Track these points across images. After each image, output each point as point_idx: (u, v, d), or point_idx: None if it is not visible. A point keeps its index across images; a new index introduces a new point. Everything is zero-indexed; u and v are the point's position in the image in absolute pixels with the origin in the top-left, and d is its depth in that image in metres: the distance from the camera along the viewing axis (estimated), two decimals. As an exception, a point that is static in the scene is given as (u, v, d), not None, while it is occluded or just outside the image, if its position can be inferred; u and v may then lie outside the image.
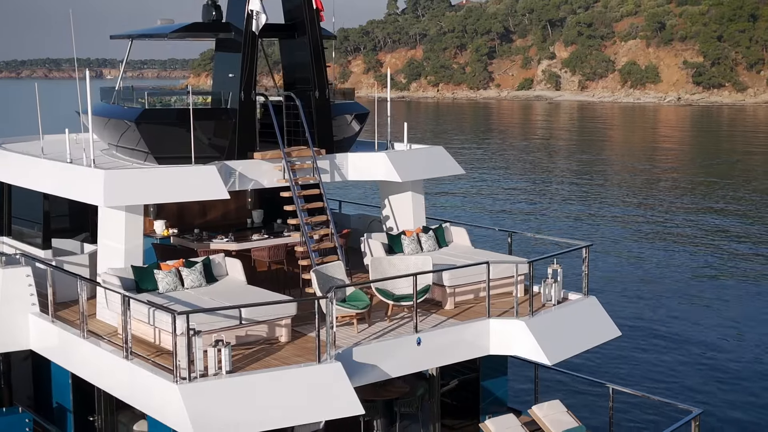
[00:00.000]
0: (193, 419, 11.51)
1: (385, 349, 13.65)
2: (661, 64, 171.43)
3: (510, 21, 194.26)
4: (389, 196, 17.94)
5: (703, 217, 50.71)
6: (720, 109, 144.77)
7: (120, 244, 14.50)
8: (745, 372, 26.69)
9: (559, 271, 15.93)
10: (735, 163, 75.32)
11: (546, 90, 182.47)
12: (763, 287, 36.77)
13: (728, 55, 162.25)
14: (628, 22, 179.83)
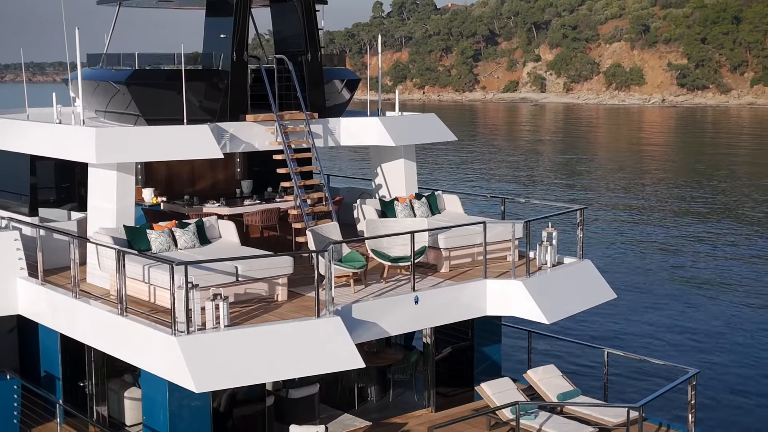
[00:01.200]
0: (193, 372, 11.35)
1: (383, 307, 13.55)
2: (645, 66, 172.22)
3: (495, 24, 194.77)
4: (381, 163, 17.82)
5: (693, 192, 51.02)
6: (704, 111, 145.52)
7: (111, 204, 14.30)
8: (740, 334, 26.95)
9: (554, 235, 15.85)
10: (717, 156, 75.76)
11: (531, 92, 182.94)
12: (755, 251, 37.41)
13: (712, 57, 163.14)
14: (613, 24, 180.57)
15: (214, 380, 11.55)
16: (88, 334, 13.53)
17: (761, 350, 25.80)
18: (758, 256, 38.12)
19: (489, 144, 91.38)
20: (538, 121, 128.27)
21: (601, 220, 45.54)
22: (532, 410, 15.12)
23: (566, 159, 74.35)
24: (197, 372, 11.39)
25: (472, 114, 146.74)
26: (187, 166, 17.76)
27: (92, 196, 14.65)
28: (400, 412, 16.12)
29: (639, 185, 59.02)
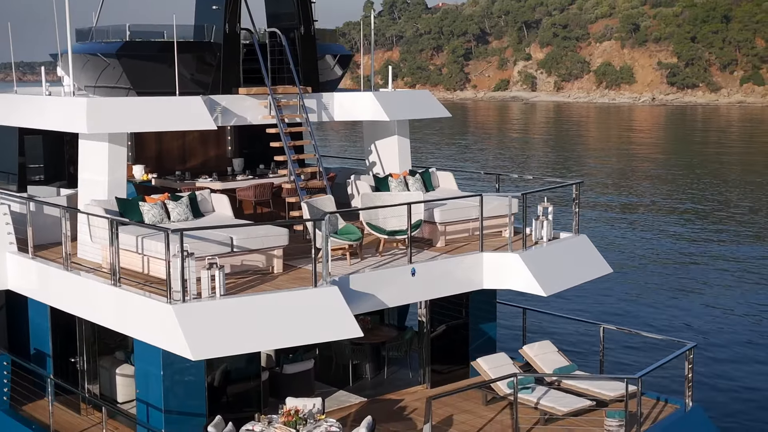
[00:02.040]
0: (189, 340, 11.19)
1: (381, 278, 13.43)
2: (635, 65, 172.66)
3: (486, 23, 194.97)
4: (375, 140, 17.68)
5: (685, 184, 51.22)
6: (694, 109, 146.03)
7: (103, 176, 14.11)
8: (737, 310, 27.04)
9: (550, 210, 15.75)
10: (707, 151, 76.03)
11: (522, 91, 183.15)
12: (751, 229, 37.68)
13: (702, 56, 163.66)
14: (603, 23, 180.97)
15: (210, 348, 11.39)
16: (80, 307, 13.34)
17: (757, 325, 25.92)
18: (751, 236, 38.34)
19: (480, 141, 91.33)
20: (528, 120, 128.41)
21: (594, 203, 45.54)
22: (529, 384, 15.00)
23: (556, 154, 74.41)
24: (193, 340, 11.22)
25: (464, 112, 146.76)
26: (177, 143, 17.59)
27: (83, 169, 14.45)
28: (395, 389, 15.99)
29: (630, 174, 59.16)
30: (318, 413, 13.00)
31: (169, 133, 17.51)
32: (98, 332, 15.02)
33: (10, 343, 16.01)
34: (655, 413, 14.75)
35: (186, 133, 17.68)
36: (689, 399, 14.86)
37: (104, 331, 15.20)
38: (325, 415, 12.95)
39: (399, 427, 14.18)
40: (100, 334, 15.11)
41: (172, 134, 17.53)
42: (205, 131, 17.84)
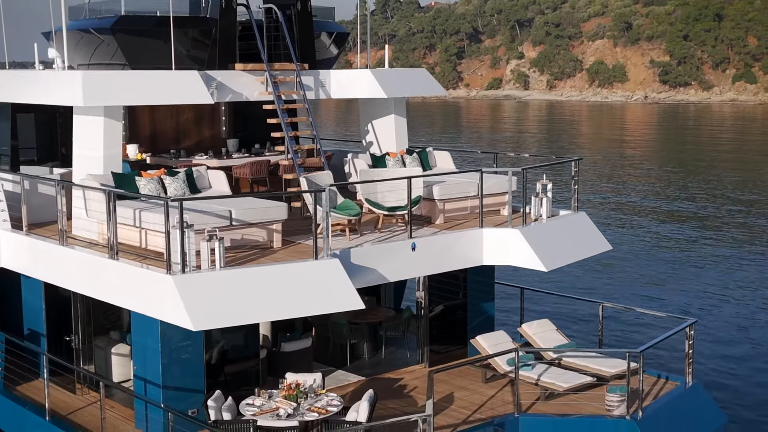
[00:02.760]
0: (190, 310, 11.04)
1: (381, 253, 13.32)
2: (628, 64, 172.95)
3: (479, 21, 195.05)
4: (372, 120, 17.55)
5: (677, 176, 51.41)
6: (686, 107, 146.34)
7: (98, 151, 13.93)
8: (737, 287, 27.12)
9: (549, 187, 15.65)
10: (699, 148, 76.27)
11: (515, 89, 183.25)
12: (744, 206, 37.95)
13: (694, 54, 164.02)
14: (596, 22, 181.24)
15: (211, 319, 11.25)
16: (76, 281, 13.17)
17: (757, 301, 25.98)
18: (745, 210, 38.49)
19: (472, 141, 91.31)
20: (521, 118, 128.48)
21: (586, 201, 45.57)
22: (529, 362, 14.90)
23: (550, 148, 74.52)
24: (194, 310, 11.08)
25: (456, 111, 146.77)
26: (171, 123, 17.44)
27: (78, 145, 14.27)
28: (393, 368, 15.87)
29: (621, 170, 59.23)
30: (318, 388, 12.89)
31: (162, 112, 17.37)
32: (93, 310, 14.86)
33: (3, 324, 15.83)
34: (656, 390, 14.66)
35: (180, 113, 17.54)
36: (689, 376, 14.78)
37: (99, 310, 15.05)
38: (325, 390, 12.82)
39: (399, 404, 14.06)
40: (96, 312, 14.95)
41: (166, 114, 17.39)
42: (199, 111, 17.71)
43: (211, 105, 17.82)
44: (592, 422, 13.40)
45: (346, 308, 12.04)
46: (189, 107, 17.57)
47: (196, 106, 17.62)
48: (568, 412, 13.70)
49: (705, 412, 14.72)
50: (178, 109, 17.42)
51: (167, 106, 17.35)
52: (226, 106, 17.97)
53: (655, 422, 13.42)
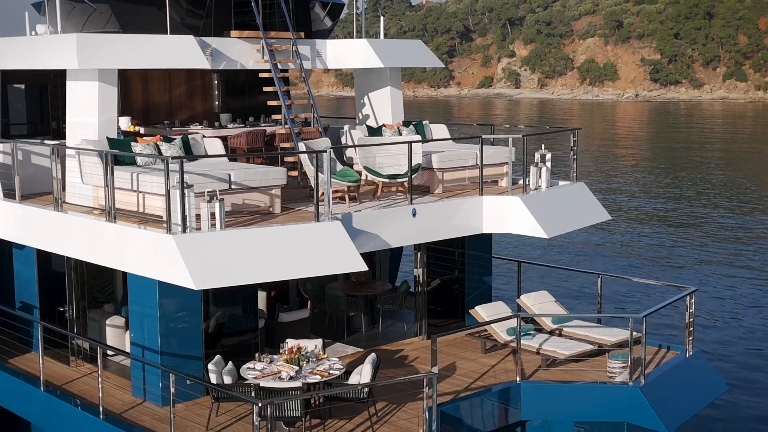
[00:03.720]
0: (191, 269, 10.89)
1: (382, 218, 13.21)
2: (618, 62, 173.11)
3: (470, 20, 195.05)
4: (368, 92, 17.38)
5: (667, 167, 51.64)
6: (677, 105, 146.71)
7: (93, 117, 13.71)
8: (735, 257, 27.21)
9: (548, 157, 15.52)
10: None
11: (506, 88, 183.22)
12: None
13: (685, 53, 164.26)
14: (587, 20, 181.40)
15: (212, 278, 11.09)
16: (72, 247, 12.96)
17: (757, 270, 26.03)
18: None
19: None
20: (513, 115, 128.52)
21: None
22: (529, 331, 14.77)
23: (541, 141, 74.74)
24: (195, 269, 10.92)
25: (447, 109, 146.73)
26: (164, 96, 17.25)
27: (71, 112, 14.04)
28: (391, 341, 15.72)
29: (613, 164, 59.34)
30: (319, 353, 12.72)
31: (155, 85, 17.19)
32: (88, 280, 14.65)
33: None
34: (657, 359, 14.54)
35: (173, 86, 17.35)
36: (690, 345, 14.67)
37: (94, 279, 14.84)
38: (327, 355, 12.65)
39: (400, 373, 13.90)
40: (90, 283, 14.74)
41: (159, 87, 17.21)
42: (192, 84, 17.52)
43: (203, 78, 17.65)
44: (595, 388, 13.28)
45: (349, 270, 11.91)
46: (182, 80, 17.39)
47: (188, 79, 17.44)
48: (569, 379, 13.58)
49: (706, 379, 14.63)
50: (171, 83, 17.24)
51: (160, 79, 17.16)
52: (218, 79, 17.80)
53: (657, 389, 13.31)
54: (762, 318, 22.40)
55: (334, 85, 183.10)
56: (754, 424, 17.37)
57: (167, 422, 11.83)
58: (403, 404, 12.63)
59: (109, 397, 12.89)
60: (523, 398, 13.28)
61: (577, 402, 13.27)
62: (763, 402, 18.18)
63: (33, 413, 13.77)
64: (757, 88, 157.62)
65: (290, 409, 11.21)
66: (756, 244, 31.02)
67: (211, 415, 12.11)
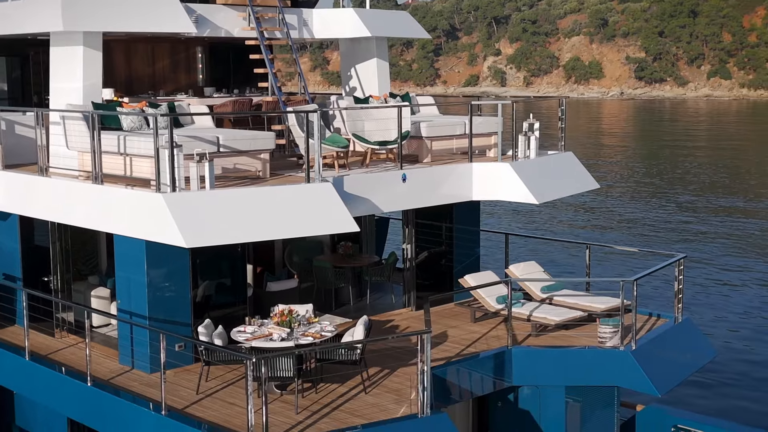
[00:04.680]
0: (182, 227, 10.77)
1: (372, 182, 13.16)
2: (604, 60, 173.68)
3: (456, 18, 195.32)
4: (354, 64, 17.29)
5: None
6: (662, 103, 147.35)
7: (77, 82, 13.53)
8: (724, 225, 27.40)
9: (536, 126, 15.47)
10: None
11: (492, 86, 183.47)
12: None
13: (669, 51, 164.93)
14: (572, 19, 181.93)
15: (203, 236, 10.96)
16: (58, 211, 12.79)
17: (745, 239, 26.18)
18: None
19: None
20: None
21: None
22: (518, 299, 14.69)
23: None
24: (186, 228, 10.80)
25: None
26: (147, 68, 17.09)
27: (55, 78, 13.86)
28: (379, 312, 15.61)
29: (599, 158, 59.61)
30: (311, 317, 12.59)
31: (139, 57, 17.03)
32: (72, 250, 14.46)
33: None
34: (647, 326, 14.49)
35: (156, 59, 17.19)
36: (679, 312, 14.62)
37: (78, 249, 14.65)
38: (318, 319, 12.53)
39: (391, 341, 13.79)
40: (74, 252, 14.55)
41: (142, 59, 17.05)
42: (175, 56, 17.36)
43: (187, 51, 17.49)
44: (586, 353, 13.22)
45: (340, 230, 11.81)
46: (165, 53, 17.24)
47: (172, 52, 17.28)
48: (560, 344, 13.51)
49: (696, 345, 14.61)
50: (155, 55, 17.09)
51: (143, 51, 17.00)
52: (202, 52, 17.65)
53: (647, 354, 13.26)
54: (750, 288, 22.47)
55: (320, 84, 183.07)
56: (743, 390, 17.42)
57: (156, 387, 11.67)
58: (395, 369, 12.53)
59: (96, 366, 12.71)
60: (514, 364, 13.21)
61: (568, 367, 13.21)
62: (750, 368, 18.24)
63: (17, 382, 13.57)
64: (741, 86, 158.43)
65: (283, 369, 11.08)
66: (743, 220, 31.20)
67: (200, 380, 11.95)
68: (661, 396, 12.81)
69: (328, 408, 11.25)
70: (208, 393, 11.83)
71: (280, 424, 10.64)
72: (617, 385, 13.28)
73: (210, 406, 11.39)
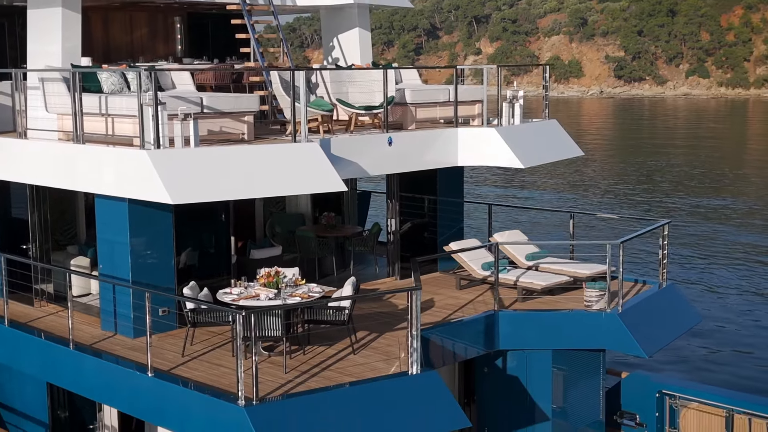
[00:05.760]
0: (168, 184, 10.60)
1: (358, 145, 13.06)
2: (583, 59, 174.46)
3: (436, 17, 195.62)
4: (336, 34, 17.18)
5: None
6: (641, 101, 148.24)
7: (56, 45, 13.33)
8: (704, 190, 27.68)
9: (521, 94, 15.42)
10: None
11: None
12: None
13: (648, 50, 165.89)
14: (552, 18, 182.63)
15: (189, 192, 10.80)
16: (38, 174, 12.57)
17: (729, 203, 26.37)
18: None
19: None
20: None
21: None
22: (504, 266, 14.60)
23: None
24: (171, 184, 10.62)
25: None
26: (126, 38, 16.87)
27: (33, 41, 13.64)
28: (363, 282, 15.48)
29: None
30: (297, 278, 12.43)
31: (116, 27, 16.80)
32: (51, 221, 14.24)
33: None
34: (633, 291, 14.44)
35: (134, 28, 16.98)
36: (663, 278, 14.59)
37: (56, 223, 14.41)
38: (304, 281, 12.38)
39: (376, 306, 13.68)
40: (53, 224, 14.32)
41: (120, 29, 16.82)
42: (153, 25, 17.12)
43: (165, 21, 17.29)
44: (573, 315, 13.16)
45: (328, 189, 11.70)
46: (143, 22, 17.01)
47: (150, 21, 17.05)
48: (547, 308, 13.45)
49: (681, 310, 14.59)
50: (132, 24, 16.87)
51: (121, 20, 16.78)
52: (181, 22, 17.44)
53: (634, 316, 13.21)
54: (734, 258, 22.57)
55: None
56: (727, 356, 17.48)
57: (141, 351, 11.48)
58: (382, 333, 12.41)
59: (77, 332, 12.47)
60: (500, 327, 13.12)
61: (555, 330, 13.14)
62: (733, 336, 18.29)
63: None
64: (719, 85, 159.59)
65: (271, 328, 10.92)
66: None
67: (186, 344, 11.77)
68: (648, 357, 12.77)
69: (317, 368, 11.11)
70: (194, 356, 11.66)
71: (268, 383, 10.48)
72: (604, 347, 13.23)
73: (196, 368, 11.22)
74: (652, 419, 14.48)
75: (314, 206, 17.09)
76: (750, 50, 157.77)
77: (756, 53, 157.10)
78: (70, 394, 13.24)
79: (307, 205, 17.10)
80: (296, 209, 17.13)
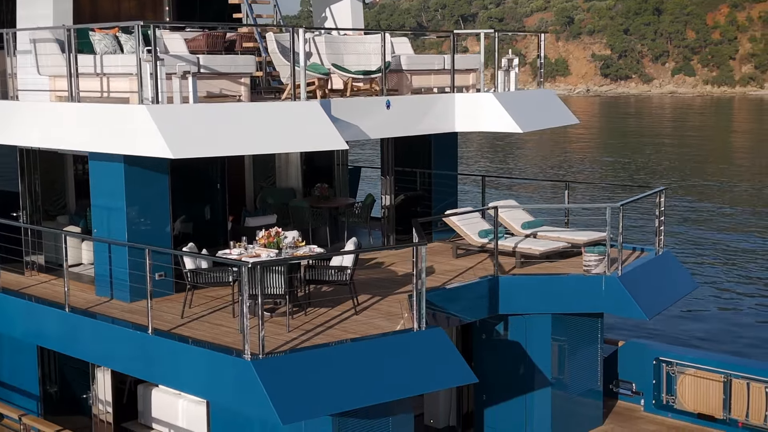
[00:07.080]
0: (168, 139, 10.44)
1: (356, 107, 12.98)
2: (570, 58, 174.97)
3: (423, 16, 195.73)
4: (328, 5, 17.09)
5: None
6: (627, 99, 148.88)
7: (48, 8, 13.14)
8: (699, 158, 27.90)
9: (515, 62, 15.36)
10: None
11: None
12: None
13: (634, 48, 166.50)
14: (538, 17, 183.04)
15: (190, 147, 10.64)
16: (30, 135, 12.38)
17: (724, 169, 26.58)
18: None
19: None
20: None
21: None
22: (501, 233, 14.49)
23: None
24: (171, 139, 10.46)
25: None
26: (114, 7, 16.66)
27: (22, 5, 13.45)
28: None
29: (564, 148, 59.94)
30: (297, 240, 12.29)
31: (105, 5, 16.64)
32: (41, 191, 14.05)
33: None
34: (631, 258, 14.38)
35: (121, 3, 16.79)
36: (660, 246, 14.54)
37: (45, 193, 14.22)
38: (304, 242, 12.24)
39: (374, 273, 13.57)
40: (42, 195, 14.13)
41: (109, 6, 16.64)
42: (141, 2, 16.95)
43: None
44: (572, 279, 13.08)
45: (329, 147, 11.60)
46: None
47: None
48: (547, 273, 13.38)
49: (678, 276, 14.54)
50: (119, 2, 16.71)
51: None
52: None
53: (633, 280, 13.14)
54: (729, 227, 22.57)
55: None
56: (719, 324, 17.48)
57: (138, 314, 11.33)
58: (384, 296, 12.29)
59: (72, 298, 12.29)
60: (500, 292, 13.01)
61: (554, 294, 13.05)
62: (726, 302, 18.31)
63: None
64: (705, 83, 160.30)
65: (274, 286, 10.78)
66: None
67: (185, 306, 11.59)
68: (649, 319, 12.69)
69: (321, 327, 10.97)
70: (193, 318, 11.49)
71: (273, 341, 10.32)
72: (604, 311, 13.16)
73: (197, 328, 11.05)
74: (650, 386, 14.43)
75: (305, 180, 16.96)
76: (735, 48, 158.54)
77: (741, 51, 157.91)
78: (61, 365, 13.07)
79: (298, 179, 16.97)
80: (287, 183, 17.00)
